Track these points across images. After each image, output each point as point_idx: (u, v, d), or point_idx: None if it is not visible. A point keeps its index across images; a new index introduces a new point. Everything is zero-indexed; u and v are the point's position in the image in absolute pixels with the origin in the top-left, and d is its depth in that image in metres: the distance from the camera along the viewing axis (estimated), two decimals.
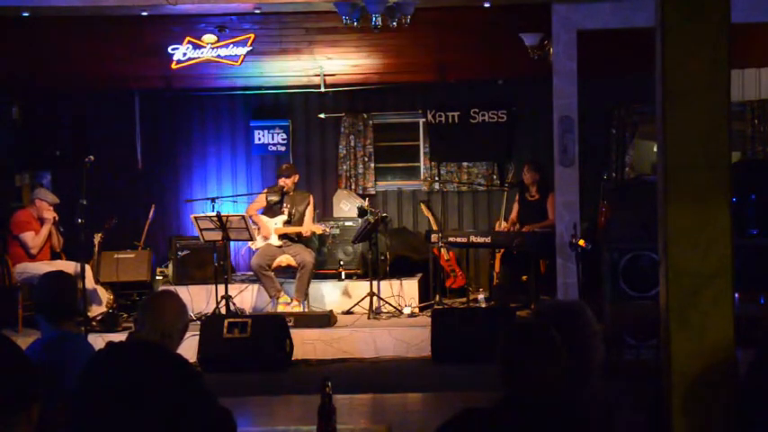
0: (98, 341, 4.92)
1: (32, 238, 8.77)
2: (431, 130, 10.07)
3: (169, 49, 9.12)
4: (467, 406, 2.72)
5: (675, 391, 2.81)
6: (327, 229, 9.56)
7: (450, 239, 9.41)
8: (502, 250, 9.65)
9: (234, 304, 8.80)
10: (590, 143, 9.59)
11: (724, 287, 2.80)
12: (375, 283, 9.16)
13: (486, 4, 8.12)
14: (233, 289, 9.07)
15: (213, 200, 9.60)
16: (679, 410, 2.81)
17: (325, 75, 10.83)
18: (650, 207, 3.20)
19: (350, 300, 9.40)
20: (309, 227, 9.29)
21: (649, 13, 3.25)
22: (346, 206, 10.53)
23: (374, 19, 7.58)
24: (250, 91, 11.28)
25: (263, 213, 9.41)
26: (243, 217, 8.82)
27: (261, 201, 9.51)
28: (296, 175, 9.51)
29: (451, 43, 9.67)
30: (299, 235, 9.34)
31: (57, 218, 8.94)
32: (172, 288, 8.97)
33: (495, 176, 11.00)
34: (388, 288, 9.52)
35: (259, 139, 11.38)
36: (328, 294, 9.64)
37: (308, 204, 9.42)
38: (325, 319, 8.62)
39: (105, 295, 9.16)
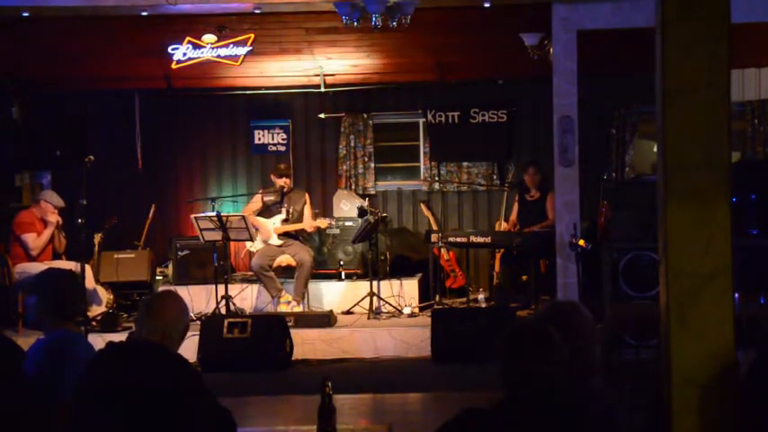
0: (98, 341, 4.92)
1: (34, 240, 8.77)
2: (431, 130, 10.06)
3: (169, 49, 9.11)
4: (467, 406, 2.72)
5: (675, 391, 2.81)
6: (332, 222, 9.61)
7: (451, 239, 9.41)
8: (502, 250, 9.65)
9: (234, 304, 8.80)
10: (590, 143, 9.58)
11: (724, 287, 2.80)
12: (375, 283, 9.16)
13: (486, 4, 8.11)
14: (233, 289, 9.07)
15: (213, 200, 9.61)
16: (679, 411, 2.81)
17: (325, 75, 10.83)
18: (650, 207, 3.20)
19: (350, 300, 9.40)
20: (312, 222, 9.30)
21: (649, 13, 3.25)
22: (346, 206, 10.53)
23: (374, 19, 7.57)
24: (250, 91, 11.27)
25: (260, 215, 9.40)
26: (243, 217, 8.82)
27: (257, 202, 9.49)
28: (291, 173, 9.61)
29: (451, 43, 9.66)
30: (299, 232, 9.35)
31: (61, 221, 8.95)
32: (172, 288, 8.97)
33: (495, 176, 11.00)
34: (388, 288, 9.52)
35: (259, 139, 11.39)
36: (328, 294, 9.64)
37: (306, 202, 9.44)
38: (326, 319, 8.62)
39: (105, 295, 9.16)
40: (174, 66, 9.18)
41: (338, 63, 10.38)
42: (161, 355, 3.20)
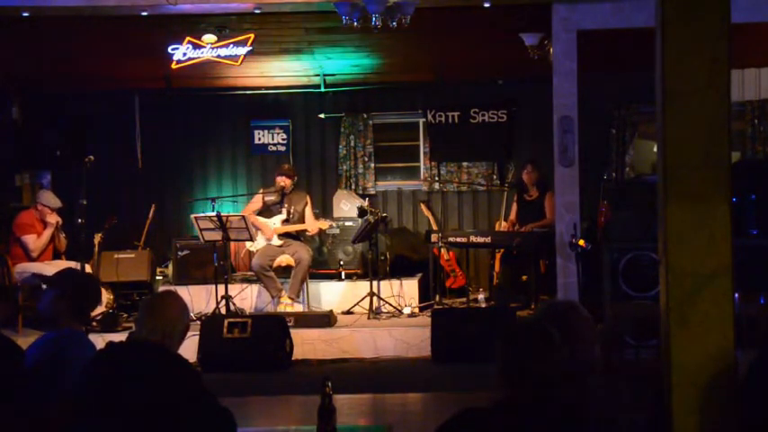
0: (98, 341, 4.92)
1: (34, 241, 8.78)
2: (431, 130, 10.06)
3: (169, 49, 9.10)
4: (467, 406, 2.72)
5: (675, 391, 2.81)
6: (333, 223, 9.61)
7: (451, 239, 9.41)
8: (502, 250, 9.65)
9: (234, 304, 8.80)
10: (590, 143, 9.58)
11: (724, 287, 2.80)
12: (375, 283, 9.16)
13: (486, 4, 8.10)
14: (233, 289, 9.07)
15: (213, 200, 9.60)
16: (679, 411, 2.81)
17: (325, 75, 10.83)
18: (650, 207, 3.20)
19: (350, 300, 9.39)
20: (315, 224, 9.30)
21: (649, 13, 3.25)
22: (346, 206, 10.53)
23: (374, 19, 7.57)
24: (250, 91, 11.28)
25: (261, 214, 9.39)
26: (243, 217, 8.82)
27: (257, 201, 9.48)
28: (295, 176, 9.55)
29: (451, 43, 9.66)
30: (301, 232, 9.34)
31: (60, 222, 8.95)
32: (172, 288, 8.96)
33: (495, 176, 11.00)
34: (388, 288, 9.52)
35: (259, 139, 11.39)
36: (328, 294, 9.64)
37: (306, 204, 9.43)
38: (326, 319, 8.62)
39: (105, 295, 9.14)
40: (174, 66, 9.18)
41: (338, 63, 10.38)
42: (161, 355, 3.20)
